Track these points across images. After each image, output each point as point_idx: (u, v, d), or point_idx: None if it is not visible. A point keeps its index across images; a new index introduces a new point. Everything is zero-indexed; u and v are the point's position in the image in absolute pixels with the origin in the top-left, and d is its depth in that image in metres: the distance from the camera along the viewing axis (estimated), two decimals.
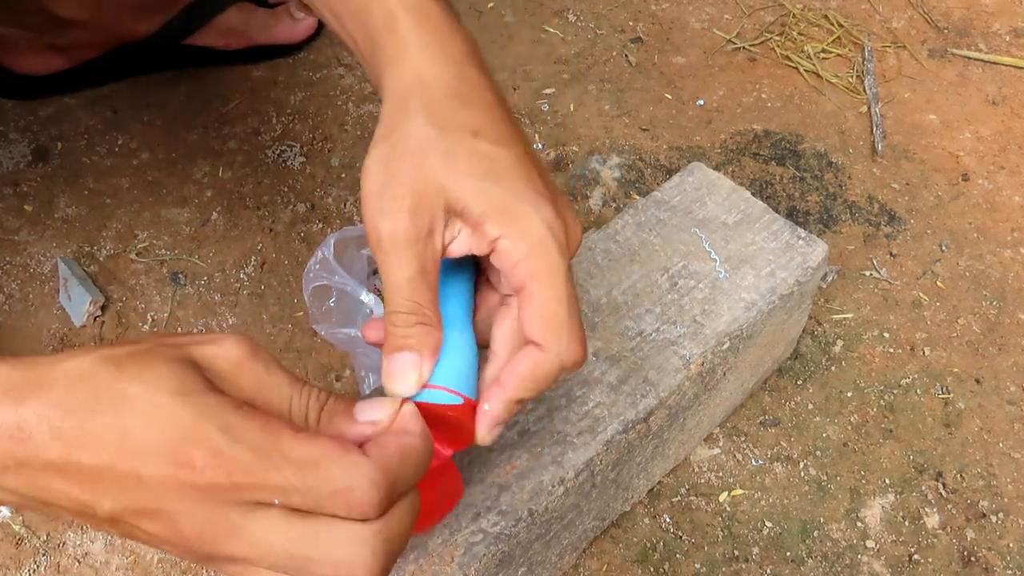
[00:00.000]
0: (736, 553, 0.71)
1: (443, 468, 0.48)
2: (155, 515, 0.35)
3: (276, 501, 0.35)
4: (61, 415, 0.35)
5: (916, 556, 0.72)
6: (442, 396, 0.45)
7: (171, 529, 0.36)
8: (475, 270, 0.51)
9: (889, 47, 1.11)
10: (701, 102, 1.04)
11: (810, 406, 0.80)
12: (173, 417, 0.35)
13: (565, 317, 0.44)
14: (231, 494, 0.35)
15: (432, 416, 0.43)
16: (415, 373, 0.45)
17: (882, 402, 0.80)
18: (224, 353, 0.38)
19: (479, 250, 0.45)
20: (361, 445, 0.38)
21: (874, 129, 1.02)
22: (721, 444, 0.77)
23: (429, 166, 0.44)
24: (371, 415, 0.40)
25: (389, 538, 0.37)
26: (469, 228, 0.45)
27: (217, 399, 0.36)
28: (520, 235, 0.44)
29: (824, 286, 0.87)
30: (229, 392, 0.37)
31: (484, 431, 0.47)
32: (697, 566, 0.71)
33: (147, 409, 0.35)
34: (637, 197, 0.93)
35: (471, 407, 0.46)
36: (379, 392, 0.61)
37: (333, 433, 0.39)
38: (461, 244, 0.46)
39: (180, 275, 0.87)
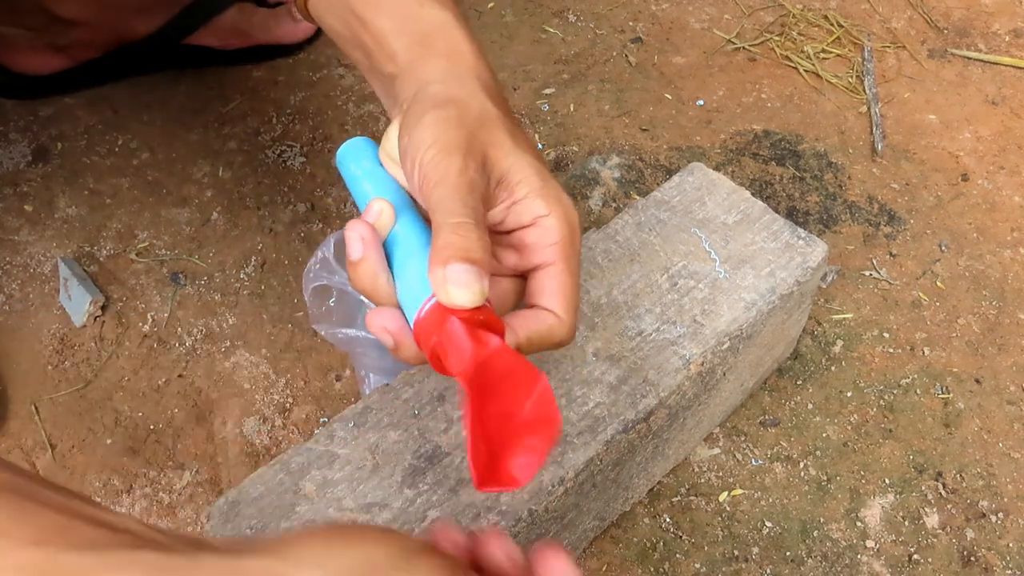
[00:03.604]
0: (736, 553, 0.71)
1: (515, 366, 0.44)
2: None
3: None
4: None
5: (916, 556, 0.72)
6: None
7: None
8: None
9: (889, 47, 1.11)
10: (701, 102, 1.04)
11: (810, 406, 0.80)
12: None
13: (577, 301, 0.49)
14: None
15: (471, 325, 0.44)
16: (479, 284, 0.43)
17: (882, 402, 0.80)
18: None
19: (515, 222, 0.48)
20: None
21: (874, 129, 1.02)
22: (721, 444, 0.77)
23: (490, 135, 0.47)
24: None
25: None
26: (511, 200, 0.48)
27: None
28: (562, 218, 0.48)
29: (824, 286, 0.87)
30: None
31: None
32: (697, 566, 0.71)
33: None
34: (637, 197, 0.93)
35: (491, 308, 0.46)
36: (379, 392, 0.61)
37: None
38: (498, 213, 0.48)
39: (180, 275, 0.87)
